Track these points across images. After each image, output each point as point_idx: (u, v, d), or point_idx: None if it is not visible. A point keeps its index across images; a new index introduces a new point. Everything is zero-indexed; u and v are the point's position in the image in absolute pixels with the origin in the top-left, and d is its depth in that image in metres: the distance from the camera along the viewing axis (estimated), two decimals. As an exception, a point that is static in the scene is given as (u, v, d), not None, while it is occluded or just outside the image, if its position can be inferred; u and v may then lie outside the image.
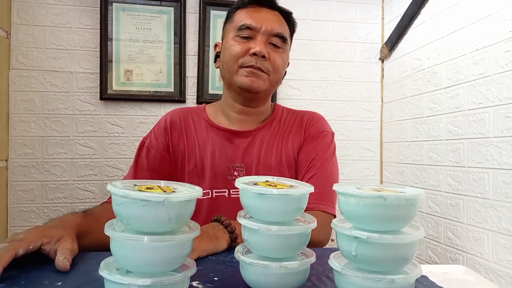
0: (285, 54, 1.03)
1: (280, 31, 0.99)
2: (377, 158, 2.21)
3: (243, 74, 0.97)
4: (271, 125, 1.08)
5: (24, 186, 1.90)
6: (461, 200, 1.54)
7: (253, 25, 0.97)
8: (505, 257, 1.31)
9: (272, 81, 1.01)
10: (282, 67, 1.03)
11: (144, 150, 1.06)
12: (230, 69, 0.99)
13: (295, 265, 0.57)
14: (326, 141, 1.07)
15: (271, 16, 1.00)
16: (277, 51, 1.00)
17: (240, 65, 0.97)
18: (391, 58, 2.12)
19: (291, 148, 1.05)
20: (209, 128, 1.07)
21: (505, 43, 1.33)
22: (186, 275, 0.52)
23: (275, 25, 0.99)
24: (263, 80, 0.98)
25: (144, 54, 1.98)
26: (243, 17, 0.99)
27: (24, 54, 1.90)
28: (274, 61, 0.99)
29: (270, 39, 0.99)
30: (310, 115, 1.12)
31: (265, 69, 0.97)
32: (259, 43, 0.96)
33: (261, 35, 0.97)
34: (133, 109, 2.00)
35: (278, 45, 1.00)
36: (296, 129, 1.08)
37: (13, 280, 0.61)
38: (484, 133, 1.42)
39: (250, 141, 1.05)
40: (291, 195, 0.56)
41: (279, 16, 1.03)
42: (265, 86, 0.99)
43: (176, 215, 0.50)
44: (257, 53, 0.95)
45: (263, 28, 0.97)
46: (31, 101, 1.91)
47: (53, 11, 1.93)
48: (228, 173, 1.03)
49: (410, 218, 0.53)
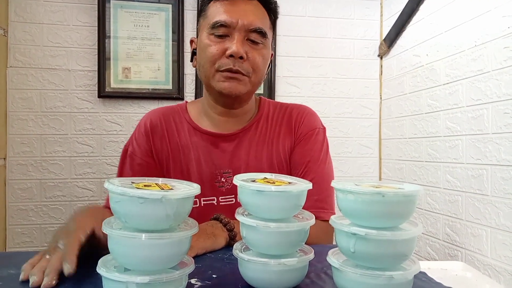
0: (266, 49, 0.94)
1: (259, 25, 0.90)
2: (376, 155, 2.22)
3: (221, 79, 0.89)
4: (258, 124, 1.01)
5: (22, 185, 1.90)
6: (460, 197, 1.54)
7: (228, 21, 0.87)
8: (503, 253, 1.32)
9: (254, 82, 0.93)
10: (263, 65, 0.94)
11: (128, 159, 0.99)
12: (207, 73, 0.91)
13: (293, 262, 0.57)
14: (318, 139, 1.00)
15: (248, 8, 0.90)
16: (256, 48, 0.91)
17: (217, 69, 0.89)
18: (389, 54, 2.12)
19: (282, 150, 0.99)
20: (192, 132, 1.00)
21: (504, 39, 1.33)
22: (185, 273, 0.52)
23: (253, 18, 0.89)
24: (243, 84, 0.90)
25: (142, 51, 1.98)
26: (216, 12, 0.89)
27: (21, 52, 1.90)
28: (253, 60, 0.90)
29: (248, 35, 0.89)
30: (299, 111, 1.04)
31: (244, 71, 0.89)
32: (236, 42, 0.87)
33: (237, 32, 0.88)
34: (131, 106, 1.99)
35: (258, 41, 0.91)
36: (286, 127, 1.01)
37: (11, 278, 0.61)
38: (482, 129, 1.42)
39: (237, 144, 0.98)
40: (289, 192, 0.56)
41: (258, 5, 0.93)
42: (246, 89, 0.91)
43: (174, 212, 0.50)
44: (234, 54, 0.87)
45: (240, 23, 0.88)
46: (29, 99, 1.90)
47: (51, 8, 1.92)
48: (215, 179, 0.97)
49: (408, 215, 0.53)
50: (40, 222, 1.92)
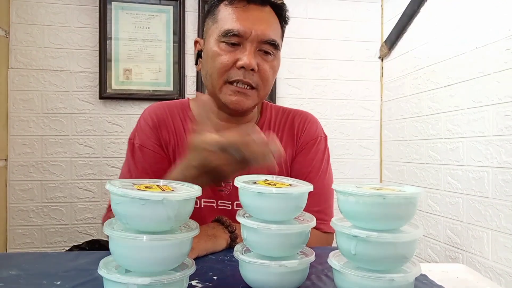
0: (276, 61, 0.91)
1: (272, 37, 0.87)
2: (377, 157, 2.21)
3: (229, 92, 0.86)
4: (260, 130, 1.00)
5: (23, 186, 1.90)
6: (461, 199, 1.54)
7: (241, 31, 0.84)
8: (504, 256, 1.31)
9: (261, 96, 0.90)
10: (273, 78, 0.91)
11: (138, 151, 0.95)
12: (214, 83, 0.88)
13: (294, 264, 0.56)
14: (320, 148, 0.99)
15: (261, 16, 0.87)
16: (267, 60, 0.88)
17: (226, 81, 0.86)
18: (390, 56, 2.12)
19: (283, 158, 0.97)
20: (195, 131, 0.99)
21: (505, 41, 1.33)
22: (185, 274, 0.52)
23: (266, 29, 0.86)
24: (251, 99, 0.88)
25: (143, 53, 1.98)
26: (228, 19, 0.86)
27: (23, 53, 1.90)
28: (264, 73, 0.87)
29: (261, 46, 0.86)
30: (302, 118, 1.01)
31: (254, 83, 0.86)
32: (248, 54, 0.84)
33: (249, 43, 0.84)
34: (132, 108, 2.00)
35: (269, 52, 0.88)
36: (288, 135, 0.99)
37: (12, 279, 0.61)
38: (483, 131, 1.42)
39: None
40: (290, 194, 0.56)
41: (270, 13, 0.89)
42: (253, 103, 0.89)
43: (175, 214, 0.50)
44: (246, 66, 0.83)
45: (253, 34, 0.84)
46: (30, 100, 1.91)
47: (52, 10, 1.93)
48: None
49: (409, 217, 0.53)
50: (41, 223, 1.92)
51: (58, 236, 1.94)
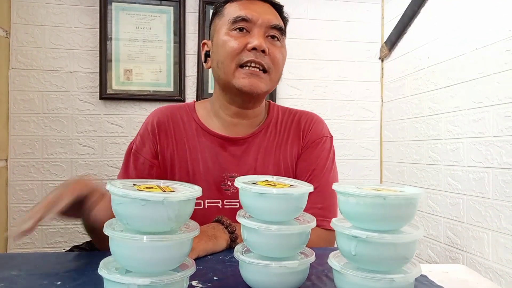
0: (284, 48, 0.96)
1: (278, 22, 0.93)
2: (377, 157, 2.21)
3: (242, 76, 0.89)
4: (267, 130, 1.01)
5: (24, 186, 1.90)
6: (461, 200, 1.54)
7: (250, 16, 0.89)
8: (505, 257, 1.31)
9: (273, 80, 0.95)
10: (282, 63, 0.96)
11: (132, 157, 0.98)
12: (227, 69, 0.90)
13: (294, 265, 0.57)
14: (325, 147, 1.01)
15: (265, 8, 0.93)
16: (276, 45, 0.93)
17: (238, 64, 0.89)
18: (391, 57, 2.12)
19: (289, 156, 0.99)
20: (200, 133, 0.99)
21: (505, 42, 1.33)
22: (186, 275, 0.52)
23: (272, 17, 0.92)
24: (264, 82, 0.91)
25: (144, 53, 1.98)
26: (236, 10, 0.91)
27: (23, 54, 1.90)
28: (274, 56, 0.91)
29: (268, 31, 0.91)
30: (308, 118, 1.04)
31: (266, 65, 0.90)
32: (258, 37, 0.88)
33: (258, 28, 0.89)
34: (132, 108, 2.00)
35: (277, 37, 0.93)
36: (294, 134, 1.02)
37: (13, 280, 0.61)
38: (483, 132, 1.42)
39: (245, 149, 0.98)
40: (290, 195, 0.56)
41: (273, 9, 0.96)
42: (266, 88, 0.92)
43: (175, 214, 0.50)
44: (257, 47, 0.87)
45: (260, 20, 0.90)
46: (31, 100, 1.91)
47: (53, 10, 1.93)
48: (222, 182, 0.96)
49: (409, 218, 0.53)
50: (41, 223, 1.91)
51: (58, 236, 1.94)
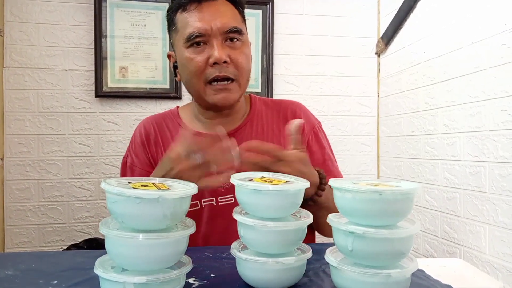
0: (246, 46, 0.93)
1: (233, 24, 0.89)
2: (374, 152, 2.22)
3: (212, 92, 0.89)
4: (252, 123, 1.00)
5: (20, 185, 1.90)
6: (458, 194, 1.54)
7: (202, 30, 0.86)
8: (501, 250, 1.32)
9: (243, 85, 0.93)
10: (247, 64, 0.94)
11: (128, 170, 0.99)
12: (196, 87, 0.90)
13: (291, 261, 0.56)
14: (322, 135, 1.03)
15: (216, 10, 0.89)
16: (236, 48, 0.90)
17: (205, 81, 0.89)
18: (387, 52, 2.12)
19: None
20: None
21: (501, 36, 1.33)
22: (182, 272, 0.52)
23: (225, 19, 0.88)
24: (235, 91, 0.91)
25: (139, 50, 1.97)
26: (186, 23, 0.88)
27: (18, 52, 1.89)
28: (237, 62, 0.89)
29: (225, 36, 0.89)
30: (291, 109, 1.03)
31: (231, 75, 0.89)
32: (216, 48, 0.86)
33: (214, 38, 0.87)
34: (128, 106, 1.99)
35: (236, 39, 0.90)
36: (282, 127, 0.99)
37: (9, 279, 0.61)
38: (480, 126, 1.42)
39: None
40: (287, 191, 0.56)
41: (223, 3, 0.91)
42: (238, 95, 0.92)
43: (171, 212, 0.50)
44: (217, 61, 0.86)
45: (213, 28, 0.87)
46: (26, 99, 1.90)
47: (47, 8, 1.91)
48: None
49: (406, 213, 0.53)
50: (38, 222, 1.92)
51: (55, 235, 1.94)
